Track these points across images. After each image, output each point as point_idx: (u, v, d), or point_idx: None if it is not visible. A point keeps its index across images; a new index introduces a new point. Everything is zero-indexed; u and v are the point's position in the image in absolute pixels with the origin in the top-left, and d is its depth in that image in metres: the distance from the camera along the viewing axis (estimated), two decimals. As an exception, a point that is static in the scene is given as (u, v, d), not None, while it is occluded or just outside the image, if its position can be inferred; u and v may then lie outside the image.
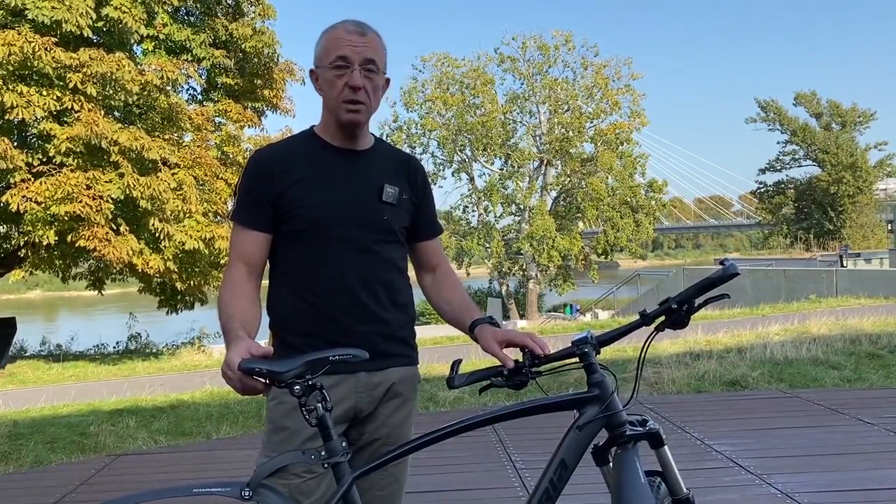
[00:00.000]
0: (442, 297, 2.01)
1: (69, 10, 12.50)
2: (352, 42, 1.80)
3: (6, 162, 12.01)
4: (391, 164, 1.95)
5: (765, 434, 4.55)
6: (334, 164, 1.87)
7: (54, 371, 13.97)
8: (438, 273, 2.04)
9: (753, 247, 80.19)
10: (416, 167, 2.01)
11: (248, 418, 5.98)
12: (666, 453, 1.71)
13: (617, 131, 32.98)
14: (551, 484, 1.66)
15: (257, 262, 1.86)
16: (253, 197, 1.85)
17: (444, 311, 2.00)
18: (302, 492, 1.76)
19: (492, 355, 1.79)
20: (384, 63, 1.86)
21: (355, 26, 1.82)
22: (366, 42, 1.81)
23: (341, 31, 1.82)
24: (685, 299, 1.65)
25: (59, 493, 4.05)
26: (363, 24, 1.84)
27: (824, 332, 8.85)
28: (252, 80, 16.15)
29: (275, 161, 1.86)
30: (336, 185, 1.85)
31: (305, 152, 1.88)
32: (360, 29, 1.82)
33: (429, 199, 2.03)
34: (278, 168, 1.84)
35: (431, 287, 2.04)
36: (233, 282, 1.82)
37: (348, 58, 1.79)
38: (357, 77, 1.79)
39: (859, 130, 49.61)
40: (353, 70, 1.79)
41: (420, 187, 1.99)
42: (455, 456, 4.19)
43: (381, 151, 1.96)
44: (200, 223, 13.83)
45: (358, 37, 1.80)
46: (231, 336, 1.68)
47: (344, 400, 1.81)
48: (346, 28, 1.82)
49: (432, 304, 2.04)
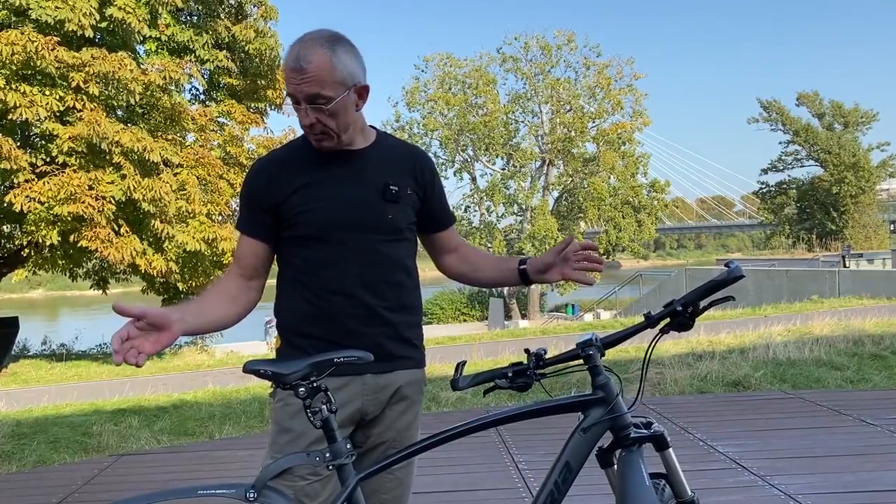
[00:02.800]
0: (474, 264, 2.06)
1: (72, 10, 12.52)
2: (293, 80, 1.73)
3: (10, 162, 12.05)
4: (394, 159, 1.92)
5: (768, 435, 4.54)
6: (333, 167, 1.86)
7: (56, 370, 14.00)
8: (461, 249, 2.07)
9: (755, 247, 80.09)
10: (423, 160, 1.98)
11: (250, 418, 5.99)
12: (671, 455, 1.71)
13: (619, 131, 33.00)
14: (556, 486, 1.66)
15: (248, 267, 1.88)
16: (251, 206, 1.87)
17: (484, 273, 2.06)
18: (307, 494, 1.76)
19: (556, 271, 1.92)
20: (338, 84, 1.73)
21: (294, 60, 1.72)
22: (304, 78, 1.71)
23: (287, 65, 1.75)
24: (690, 302, 1.65)
25: (62, 493, 4.06)
26: (301, 55, 1.71)
27: (827, 333, 8.84)
28: (255, 81, 16.18)
29: (273, 170, 1.86)
30: (337, 187, 1.84)
31: (304, 158, 1.86)
32: (297, 63, 1.70)
33: (439, 191, 2.00)
34: (276, 177, 1.84)
35: (458, 263, 2.07)
36: (217, 281, 1.91)
37: (294, 96, 1.75)
38: (304, 116, 1.76)
39: (861, 131, 49.62)
40: (302, 107, 1.76)
41: (428, 180, 1.96)
42: (458, 456, 4.19)
43: (383, 147, 1.93)
44: (203, 224, 13.85)
45: (296, 74, 1.71)
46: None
47: (350, 402, 1.81)
48: (288, 62, 1.74)
49: (465, 277, 2.08)
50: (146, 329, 1.62)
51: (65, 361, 15.88)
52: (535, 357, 1.72)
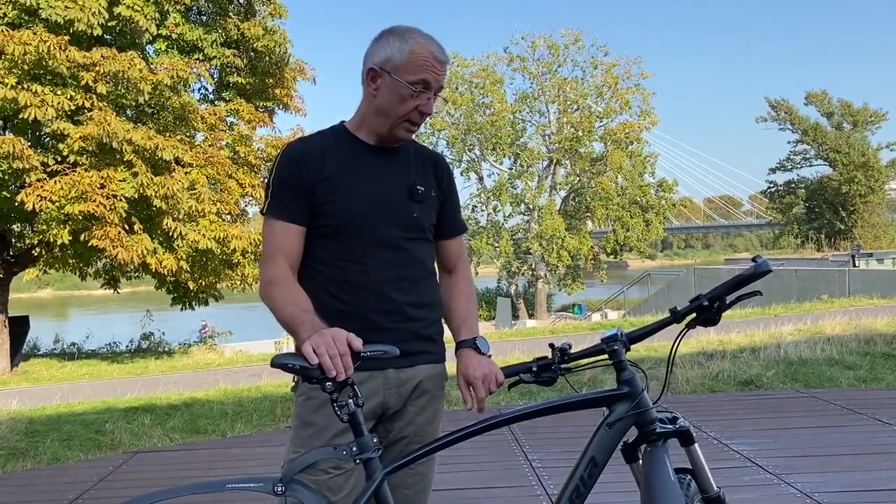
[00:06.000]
0: (446, 304, 2.02)
1: (82, 10, 12.56)
2: (436, 70, 1.80)
3: (22, 161, 12.09)
4: (420, 161, 1.96)
5: (782, 434, 4.53)
6: (366, 162, 1.88)
7: (67, 369, 14.06)
8: (454, 277, 2.05)
9: (764, 247, 79.83)
10: (444, 165, 2.03)
11: (262, 416, 6.00)
12: (696, 451, 1.71)
13: (626, 130, 32.90)
14: (581, 481, 1.66)
15: (296, 255, 1.83)
16: (288, 189, 1.82)
17: (445, 317, 2.02)
18: (329, 488, 1.77)
19: (461, 376, 1.84)
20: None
21: (440, 51, 1.82)
22: (444, 71, 1.83)
23: (429, 53, 1.80)
24: (717, 296, 1.65)
25: (78, 489, 4.08)
26: (444, 50, 1.84)
27: (838, 332, 8.79)
28: (263, 80, 16.18)
29: (307, 153, 1.85)
30: (367, 182, 1.86)
31: (337, 148, 1.88)
32: (444, 56, 1.83)
33: (453, 198, 2.03)
34: (311, 160, 1.84)
35: (444, 289, 2.06)
36: (281, 277, 1.78)
37: (430, 84, 1.80)
38: (431, 105, 1.82)
39: (871, 130, 49.35)
40: (430, 98, 1.81)
41: (445, 186, 2.00)
42: (471, 454, 4.19)
43: (411, 149, 1.97)
44: (214, 223, 13.89)
45: (441, 65, 1.81)
46: (312, 321, 1.64)
47: (372, 396, 1.82)
48: (432, 50, 1.80)
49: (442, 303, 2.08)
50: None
51: (75, 360, 15.95)
52: (560, 352, 1.73)
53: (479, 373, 1.80)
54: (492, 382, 1.80)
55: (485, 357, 1.85)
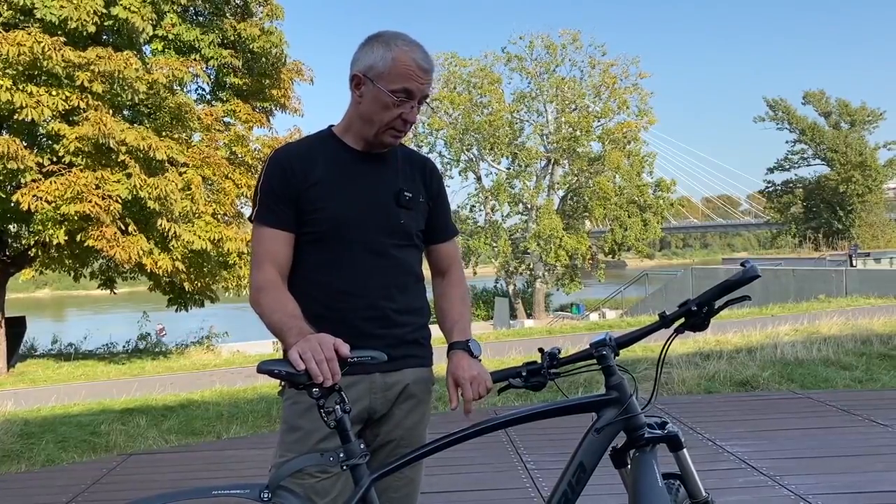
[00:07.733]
0: (439, 307, 2.02)
1: (77, 9, 12.53)
2: (420, 79, 1.78)
3: (17, 162, 12.07)
4: (408, 166, 1.95)
5: (777, 435, 4.52)
6: (353, 168, 1.87)
7: (64, 370, 14.03)
8: (446, 280, 2.04)
9: (762, 246, 79.88)
10: (433, 170, 2.02)
11: (258, 418, 5.99)
12: (685, 456, 1.71)
13: (624, 130, 32.91)
14: (569, 486, 1.66)
15: (285, 261, 1.82)
16: (276, 196, 1.82)
17: (438, 319, 2.02)
18: (317, 492, 1.77)
19: (451, 377, 1.84)
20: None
21: (425, 60, 1.79)
22: (429, 80, 1.81)
23: (412, 61, 1.77)
24: (705, 301, 1.64)
25: (71, 492, 4.06)
26: (429, 57, 1.82)
27: (835, 333, 8.81)
28: (260, 80, 16.16)
29: (295, 159, 1.85)
30: (354, 188, 1.85)
31: (324, 154, 1.87)
32: (429, 64, 1.80)
33: (443, 202, 2.02)
34: (298, 166, 1.83)
35: (437, 291, 2.06)
36: (269, 283, 1.78)
37: (413, 93, 1.78)
38: (413, 113, 1.80)
39: (868, 130, 49.40)
40: (413, 107, 1.80)
41: (435, 190, 1.99)
42: (466, 457, 4.18)
43: (399, 154, 1.96)
44: (209, 224, 13.87)
45: (425, 73, 1.79)
46: (299, 327, 1.64)
47: (358, 401, 1.81)
48: (416, 58, 1.78)
49: (434, 306, 2.07)
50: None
51: (72, 361, 15.93)
52: (549, 356, 1.72)
53: (469, 374, 1.80)
54: (481, 386, 1.79)
55: (476, 360, 1.85)
